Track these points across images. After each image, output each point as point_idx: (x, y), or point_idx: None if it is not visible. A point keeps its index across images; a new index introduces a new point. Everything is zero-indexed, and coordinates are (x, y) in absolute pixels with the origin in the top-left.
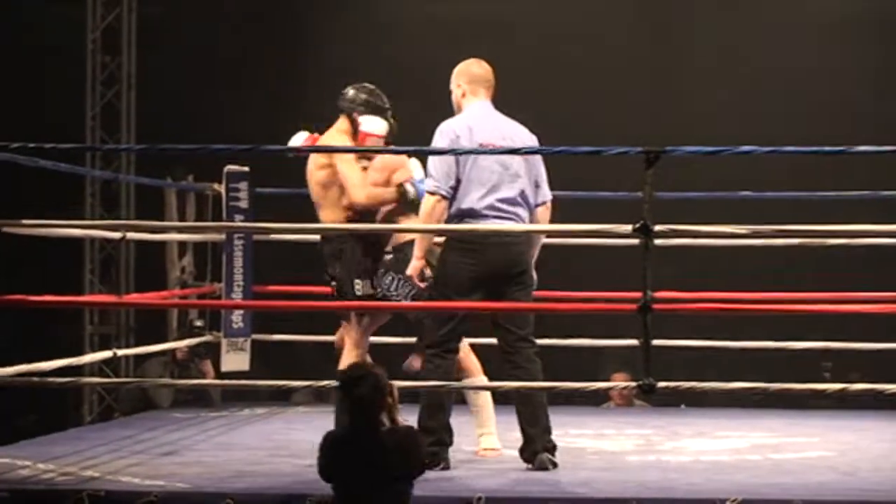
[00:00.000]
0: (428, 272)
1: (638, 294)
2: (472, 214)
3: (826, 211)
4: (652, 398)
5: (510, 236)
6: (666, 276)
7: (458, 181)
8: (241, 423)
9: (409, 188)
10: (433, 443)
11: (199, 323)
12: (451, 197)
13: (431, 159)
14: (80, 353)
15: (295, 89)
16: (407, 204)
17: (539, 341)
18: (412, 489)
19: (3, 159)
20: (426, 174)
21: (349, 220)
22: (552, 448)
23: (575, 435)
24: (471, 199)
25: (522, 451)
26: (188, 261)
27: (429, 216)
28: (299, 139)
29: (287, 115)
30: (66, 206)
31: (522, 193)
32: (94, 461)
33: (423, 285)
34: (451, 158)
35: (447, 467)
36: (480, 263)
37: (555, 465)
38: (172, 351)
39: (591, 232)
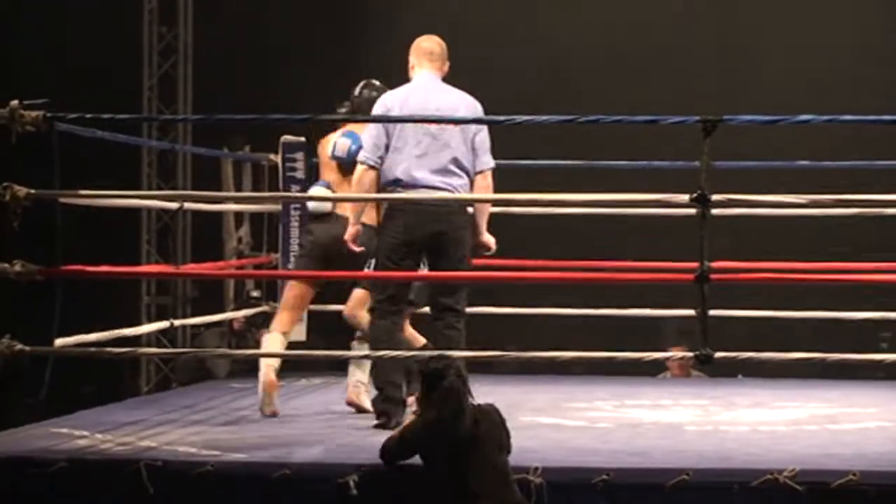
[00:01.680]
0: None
1: (695, 264)
2: (399, 183)
3: (884, 180)
4: (709, 369)
5: (435, 205)
6: (722, 246)
7: (386, 151)
8: (298, 393)
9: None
10: (384, 399)
11: (255, 293)
12: (380, 166)
13: (364, 130)
14: (138, 323)
15: (351, 58)
16: (349, 164)
17: (595, 311)
18: None
19: (61, 130)
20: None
21: None
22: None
23: (632, 406)
24: (400, 168)
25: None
26: (245, 231)
27: (358, 184)
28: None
29: (344, 84)
30: (123, 177)
31: (456, 161)
32: (152, 431)
33: (358, 250)
34: (380, 129)
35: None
36: (407, 230)
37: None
38: (230, 321)
39: (648, 201)
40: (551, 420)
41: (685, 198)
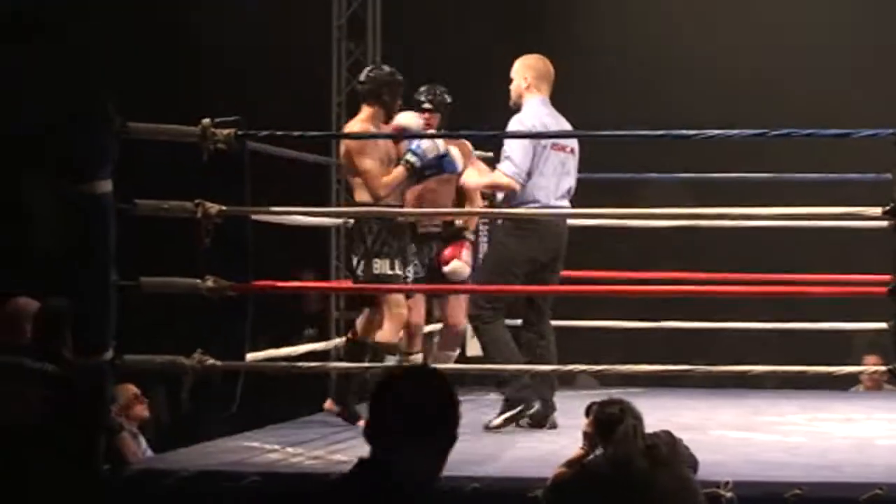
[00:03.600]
0: None
1: (888, 277)
2: (538, 204)
3: None
4: None
5: (559, 225)
6: None
7: (530, 173)
8: (488, 406)
9: (411, 157)
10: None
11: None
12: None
13: (515, 148)
14: (327, 338)
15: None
16: (415, 173)
17: (785, 325)
18: None
19: (252, 149)
20: (505, 158)
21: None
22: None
23: (823, 419)
24: (542, 191)
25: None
26: None
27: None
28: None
29: None
30: (313, 193)
31: (570, 189)
32: (342, 445)
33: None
34: (531, 151)
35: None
36: (538, 248)
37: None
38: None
39: (840, 215)
40: (741, 434)
41: (878, 211)
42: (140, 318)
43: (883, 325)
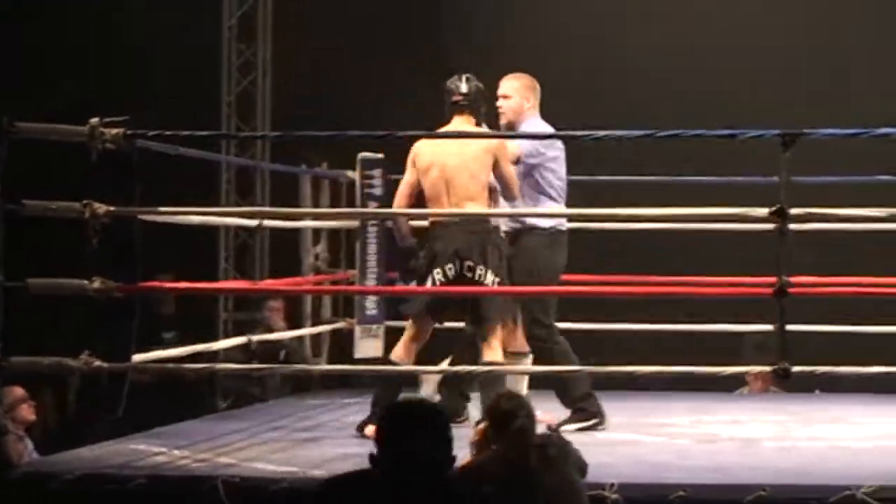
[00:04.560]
0: None
1: (773, 278)
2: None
3: None
4: (787, 384)
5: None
6: (801, 261)
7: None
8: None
9: None
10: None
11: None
12: None
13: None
14: (215, 339)
15: (428, 74)
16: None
17: (672, 326)
18: None
19: (140, 147)
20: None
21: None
22: None
23: (709, 421)
24: (561, 195)
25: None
26: (322, 248)
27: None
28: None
29: (421, 101)
30: (202, 194)
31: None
32: (229, 448)
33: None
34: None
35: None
36: (563, 254)
37: None
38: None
39: (727, 216)
40: (628, 436)
41: (764, 212)
42: (27, 320)
43: (769, 326)
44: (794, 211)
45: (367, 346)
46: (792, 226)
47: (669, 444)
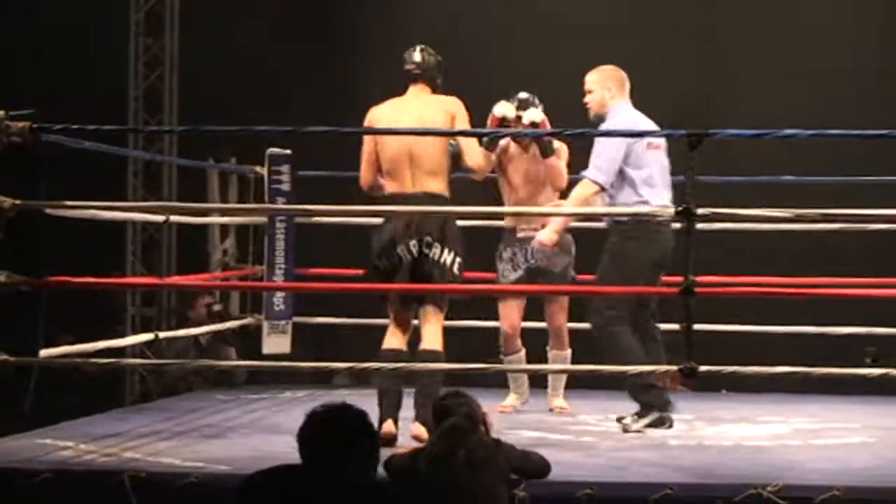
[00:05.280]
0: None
1: (680, 278)
2: (648, 205)
3: (869, 195)
4: (693, 383)
5: (668, 225)
6: (708, 260)
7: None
8: (283, 405)
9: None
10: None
11: (217, 307)
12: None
13: (602, 153)
14: (122, 334)
15: (338, 70)
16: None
17: (576, 325)
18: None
19: (46, 140)
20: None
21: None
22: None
23: (615, 419)
24: (648, 188)
25: None
26: (230, 243)
27: (584, 202)
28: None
29: (329, 95)
30: (109, 188)
31: (670, 185)
32: (135, 442)
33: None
34: (620, 155)
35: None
36: (664, 251)
37: None
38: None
39: (634, 215)
40: (535, 434)
41: (671, 211)
42: None
43: (675, 326)
44: (700, 210)
45: (276, 342)
46: (699, 225)
47: (576, 442)
